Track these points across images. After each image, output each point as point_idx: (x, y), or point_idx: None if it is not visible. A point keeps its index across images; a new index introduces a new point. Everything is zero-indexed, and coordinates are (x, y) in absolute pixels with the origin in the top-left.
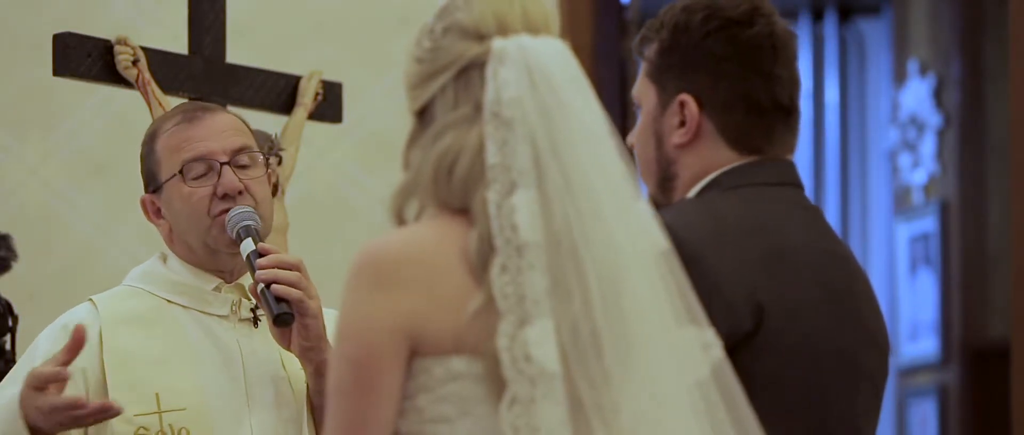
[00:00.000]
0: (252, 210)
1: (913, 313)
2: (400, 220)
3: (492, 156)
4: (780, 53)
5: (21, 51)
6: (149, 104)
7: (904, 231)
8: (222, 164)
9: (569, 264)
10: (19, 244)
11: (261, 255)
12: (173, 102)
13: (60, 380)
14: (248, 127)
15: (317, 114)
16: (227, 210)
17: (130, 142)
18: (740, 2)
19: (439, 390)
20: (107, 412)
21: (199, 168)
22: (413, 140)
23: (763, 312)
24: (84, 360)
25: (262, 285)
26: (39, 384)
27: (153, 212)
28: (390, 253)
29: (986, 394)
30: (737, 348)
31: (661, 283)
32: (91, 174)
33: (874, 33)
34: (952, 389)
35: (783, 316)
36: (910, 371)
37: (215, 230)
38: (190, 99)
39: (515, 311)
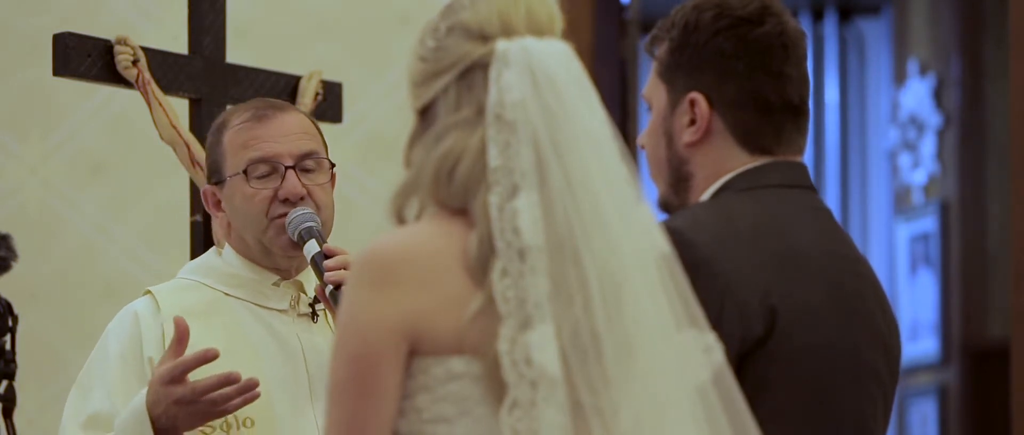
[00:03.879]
0: (312, 212)
1: (913, 313)
2: (400, 219)
3: (494, 159)
4: (790, 52)
5: (21, 51)
6: (149, 104)
7: (904, 231)
8: (287, 168)
9: (570, 268)
10: (19, 244)
11: (327, 256)
12: (174, 102)
13: (209, 359)
14: (317, 129)
15: (317, 114)
16: (285, 214)
17: (130, 142)
18: (750, 1)
19: (438, 390)
20: (253, 388)
21: (263, 169)
22: (414, 139)
23: (775, 315)
24: (151, 349)
25: (331, 287)
26: (177, 375)
27: (213, 204)
28: (390, 252)
29: (986, 394)
30: (750, 352)
31: (662, 287)
32: (91, 174)
33: (874, 33)
34: (952, 389)
35: (794, 319)
36: (910, 371)
37: (272, 232)
38: (190, 99)
39: (516, 315)
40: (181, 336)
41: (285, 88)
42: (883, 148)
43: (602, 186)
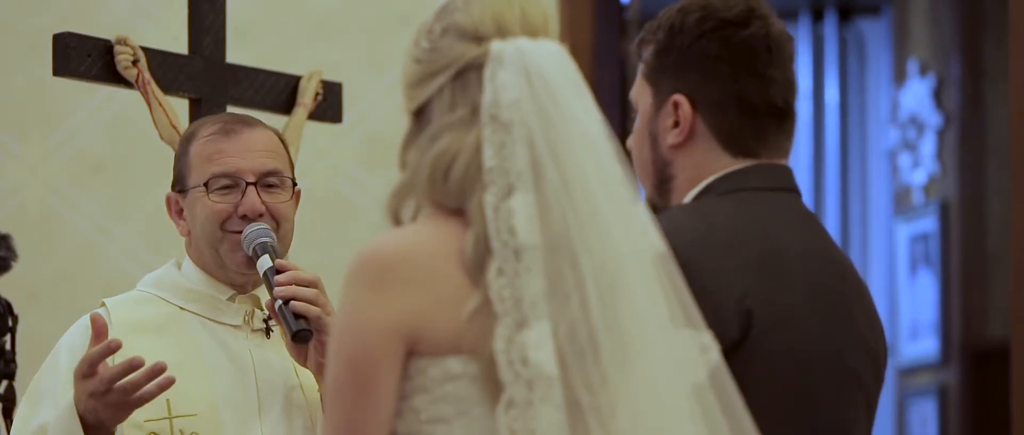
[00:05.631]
0: (268, 229)
1: (913, 313)
2: (396, 220)
3: (490, 159)
4: (775, 55)
5: (21, 51)
6: (149, 104)
7: (904, 231)
8: (248, 184)
9: (567, 267)
10: (19, 244)
11: (279, 271)
12: (173, 102)
13: (111, 351)
14: (285, 146)
15: (317, 114)
16: (242, 230)
17: (130, 142)
18: (736, 3)
19: (436, 391)
20: (161, 371)
21: (224, 182)
22: (409, 140)
23: (751, 318)
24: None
25: (280, 302)
26: (89, 370)
27: (176, 212)
28: (387, 253)
29: (986, 394)
30: (727, 355)
31: (658, 286)
32: (91, 174)
33: (874, 33)
34: (952, 389)
35: (772, 321)
36: (910, 371)
37: (226, 245)
38: (190, 99)
39: (512, 314)
40: (99, 332)
41: (285, 88)
42: (883, 148)
43: (598, 186)
